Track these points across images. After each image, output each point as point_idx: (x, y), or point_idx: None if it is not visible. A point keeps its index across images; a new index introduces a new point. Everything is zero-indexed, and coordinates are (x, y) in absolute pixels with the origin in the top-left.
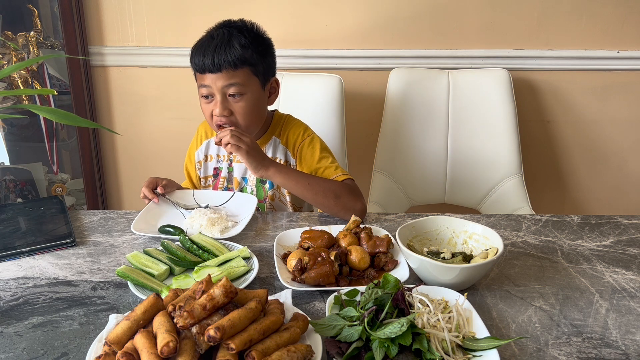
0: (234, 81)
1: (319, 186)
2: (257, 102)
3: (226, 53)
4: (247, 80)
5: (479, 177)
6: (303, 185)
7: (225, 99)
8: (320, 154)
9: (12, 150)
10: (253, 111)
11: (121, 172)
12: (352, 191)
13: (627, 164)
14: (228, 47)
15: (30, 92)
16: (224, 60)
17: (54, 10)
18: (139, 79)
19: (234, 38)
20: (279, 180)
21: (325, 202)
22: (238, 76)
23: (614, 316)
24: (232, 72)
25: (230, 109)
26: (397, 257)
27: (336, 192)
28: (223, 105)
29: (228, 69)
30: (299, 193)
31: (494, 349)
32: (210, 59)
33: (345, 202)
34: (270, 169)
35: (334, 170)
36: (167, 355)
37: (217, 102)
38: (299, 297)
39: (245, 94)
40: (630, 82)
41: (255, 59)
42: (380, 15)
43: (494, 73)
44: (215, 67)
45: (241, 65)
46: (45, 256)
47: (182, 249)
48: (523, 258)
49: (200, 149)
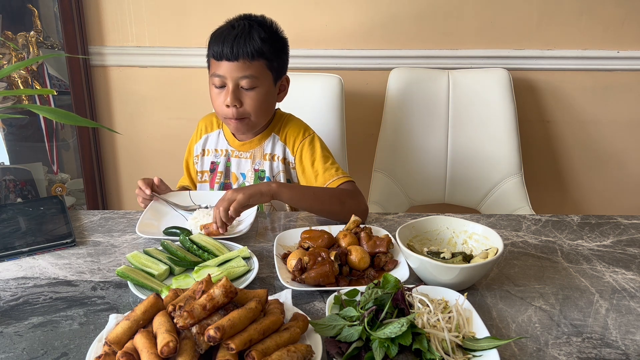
0: (248, 73)
1: (324, 195)
2: (267, 97)
3: (245, 43)
4: (261, 73)
5: (479, 177)
6: (310, 197)
7: (238, 89)
8: (321, 153)
9: (12, 150)
10: (263, 105)
11: (121, 172)
12: (354, 195)
13: (627, 164)
14: (248, 37)
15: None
16: (242, 50)
17: (54, 10)
18: (139, 79)
19: (254, 30)
20: (286, 196)
21: (332, 210)
22: (253, 68)
23: (614, 316)
24: (248, 63)
25: (241, 99)
26: (397, 257)
27: (341, 199)
28: (234, 95)
29: (245, 59)
30: (306, 205)
31: (494, 349)
32: (229, 46)
33: (350, 206)
34: (273, 186)
35: (335, 172)
36: (167, 355)
37: (228, 91)
38: (299, 297)
39: (258, 86)
40: (630, 82)
41: (272, 54)
42: (380, 15)
43: (494, 73)
44: (233, 55)
45: (258, 57)
46: (45, 256)
47: (182, 249)
48: (523, 258)
49: (199, 142)
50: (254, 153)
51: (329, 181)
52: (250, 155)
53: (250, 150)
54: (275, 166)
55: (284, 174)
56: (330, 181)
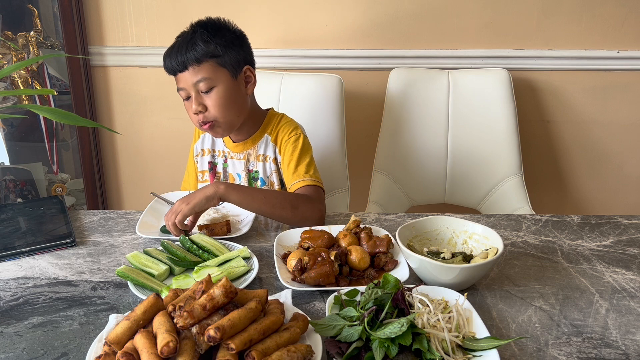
0: (200, 76)
1: (275, 199)
2: (230, 93)
3: (188, 51)
4: (213, 72)
5: (479, 177)
6: (259, 200)
7: (199, 95)
8: (299, 153)
9: (12, 150)
10: (227, 102)
11: (121, 172)
12: (310, 200)
13: (627, 164)
14: (190, 44)
15: (30, 92)
16: (187, 58)
17: (54, 10)
18: (139, 79)
19: (196, 35)
20: (234, 197)
21: (283, 214)
22: (203, 70)
23: (614, 316)
24: (197, 68)
25: (204, 104)
26: (397, 257)
27: (293, 203)
28: (197, 101)
29: (193, 65)
30: (255, 208)
31: (494, 349)
32: (175, 59)
33: (303, 212)
34: (221, 187)
35: (303, 174)
36: (167, 355)
37: (192, 99)
38: (299, 297)
39: (215, 86)
40: (630, 82)
41: (219, 51)
42: (380, 15)
43: (494, 73)
44: (181, 65)
45: (204, 59)
46: (45, 256)
47: (182, 249)
48: (523, 258)
49: (198, 142)
50: (247, 154)
51: (293, 183)
52: (244, 157)
53: (244, 151)
54: (267, 167)
55: (277, 174)
56: (293, 183)
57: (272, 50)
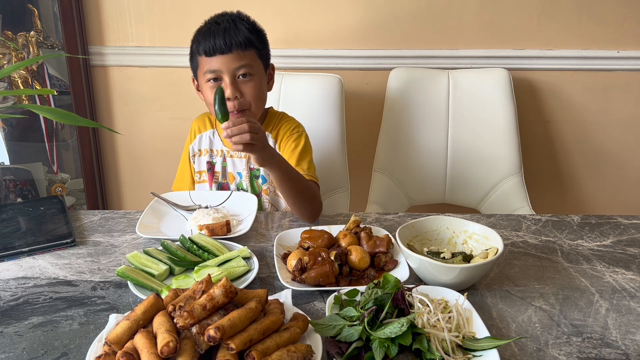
0: (244, 62)
1: (306, 183)
2: (263, 85)
3: (235, 34)
4: (254, 61)
5: (479, 177)
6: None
7: (235, 80)
8: (300, 150)
9: (12, 150)
10: (261, 93)
11: (121, 172)
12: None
13: (627, 164)
14: (236, 29)
15: (30, 92)
16: (235, 41)
17: (54, 10)
18: (139, 79)
19: (238, 22)
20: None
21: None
22: (247, 57)
23: (614, 316)
24: (241, 53)
25: (241, 90)
26: (397, 257)
27: (315, 194)
28: (234, 87)
29: (238, 49)
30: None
31: (494, 349)
32: (221, 39)
33: (315, 206)
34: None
35: (306, 170)
36: (167, 355)
37: (226, 84)
38: (299, 297)
39: (254, 75)
40: (630, 82)
41: (259, 43)
42: (379, 15)
43: (494, 73)
44: (227, 47)
45: (249, 46)
46: (45, 256)
47: (182, 249)
48: (523, 258)
49: (194, 143)
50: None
51: None
52: (245, 155)
53: None
54: None
55: None
56: None
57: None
